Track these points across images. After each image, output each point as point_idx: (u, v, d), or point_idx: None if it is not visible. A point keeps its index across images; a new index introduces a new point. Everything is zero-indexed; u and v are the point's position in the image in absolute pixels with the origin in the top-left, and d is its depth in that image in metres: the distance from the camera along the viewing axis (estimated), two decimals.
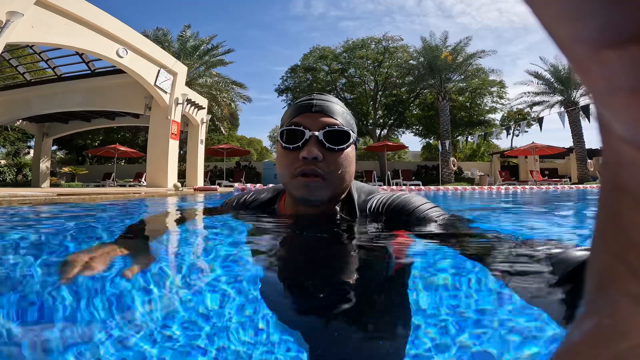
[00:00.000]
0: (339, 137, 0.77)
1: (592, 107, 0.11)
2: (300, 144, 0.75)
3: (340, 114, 0.80)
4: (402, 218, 0.73)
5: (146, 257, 0.71)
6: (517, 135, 22.97)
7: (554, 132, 56.39)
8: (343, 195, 0.83)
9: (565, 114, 10.58)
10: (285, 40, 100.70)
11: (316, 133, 0.76)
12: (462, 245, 0.60)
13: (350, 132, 0.79)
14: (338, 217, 0.82)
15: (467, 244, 0.59)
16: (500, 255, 0.47)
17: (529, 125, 11.99)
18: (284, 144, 0.77)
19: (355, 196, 0.83)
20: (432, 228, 0.68)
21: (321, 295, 0.63)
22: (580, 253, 0.34)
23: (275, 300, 0.64)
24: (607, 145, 0.11)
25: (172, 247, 0.92)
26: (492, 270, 0.46)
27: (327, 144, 0.76)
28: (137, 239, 0.90)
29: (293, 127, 0.77)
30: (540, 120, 10.49)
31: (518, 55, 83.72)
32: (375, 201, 0.80)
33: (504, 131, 13.17)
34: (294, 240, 0.86)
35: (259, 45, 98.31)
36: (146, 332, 0.54)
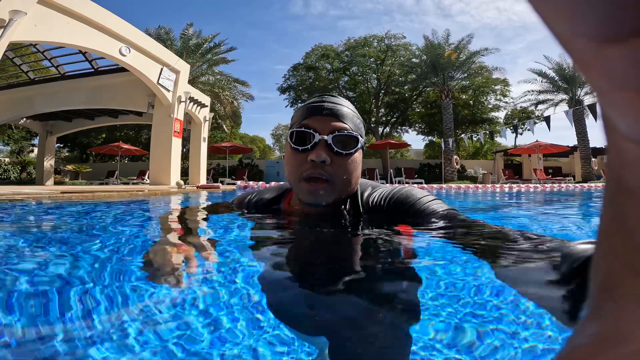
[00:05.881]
0: (348, 142, 0.78)
1: (597, 105, 0.11)
2: (309, 146, 0.77)
3: (350, 118, 0.81)
4: (404, 210, 0.74)
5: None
6: (521, 134, 22.85)
7: (557, 130, 56.15)
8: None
9: (571, 113, 10.51)
10: (285, 39, 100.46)
11: (325, 137, 0.77)
12: (463, 237, 0.59)
13: (359, 136, 0.80)
14: (343, 214, 0.83)
15: (468, 236, 0.58)
16: (502, 251, 0.46)
17: (534, 123, 11.93)
18: (293, 145, 0.78)
19: (359, 192, 0.84)
20: (434, 219, 0.68)
21: (327, 291, 0.63)
22: (585, 247, 0.32)
23: (281, 296, 0.63)
24: (612, 144, 0.11)
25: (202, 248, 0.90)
26: (493, 265, 0.45)
27: (336, 149, 0.76)
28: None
29: (303, 129, 0.78)
30: (547, 119, 10.42)
31: (518, 54, 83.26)
32: (378, 195, 0.81)
33: (509, 129, 13.10)
34: (300, 237, 0.87)
35: (259, 44, 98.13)
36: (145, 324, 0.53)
